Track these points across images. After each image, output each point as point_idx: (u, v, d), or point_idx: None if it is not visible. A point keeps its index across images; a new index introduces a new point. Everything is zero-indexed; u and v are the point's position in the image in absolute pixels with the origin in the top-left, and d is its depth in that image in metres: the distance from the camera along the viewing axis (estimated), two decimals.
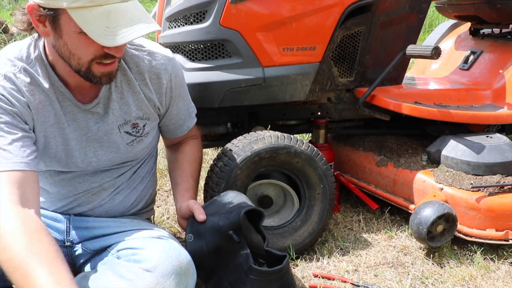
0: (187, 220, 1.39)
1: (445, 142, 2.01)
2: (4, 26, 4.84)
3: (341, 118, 2.15)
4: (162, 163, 2.66)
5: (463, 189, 1.83)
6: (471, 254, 1.80)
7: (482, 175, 1.87)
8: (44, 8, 1.14)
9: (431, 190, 1.88)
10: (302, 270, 1.70)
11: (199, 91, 1.79)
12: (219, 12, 1.73)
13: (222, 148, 1.74)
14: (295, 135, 1.75)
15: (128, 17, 1.16)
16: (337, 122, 2.23)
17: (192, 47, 1.87)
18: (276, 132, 1.74)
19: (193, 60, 1.86)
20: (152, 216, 1.70)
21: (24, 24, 1.24)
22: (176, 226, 2.05)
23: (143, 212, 1.61)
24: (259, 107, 2.00)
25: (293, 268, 1.71)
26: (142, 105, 1.42)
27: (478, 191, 1.81)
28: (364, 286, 1.59)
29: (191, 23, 1.82)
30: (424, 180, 1.93)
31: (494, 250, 1.82)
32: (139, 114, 1.43)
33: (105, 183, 1.46)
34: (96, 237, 1.43)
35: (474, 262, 1.75)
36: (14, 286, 1.05)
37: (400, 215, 2.11)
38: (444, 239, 1.77)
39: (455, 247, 1.85)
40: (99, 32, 1.13)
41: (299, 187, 1.79)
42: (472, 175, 1.88)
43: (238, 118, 2.04)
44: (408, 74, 2.73)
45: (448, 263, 1.75)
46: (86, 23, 1.13)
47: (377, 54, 2.03)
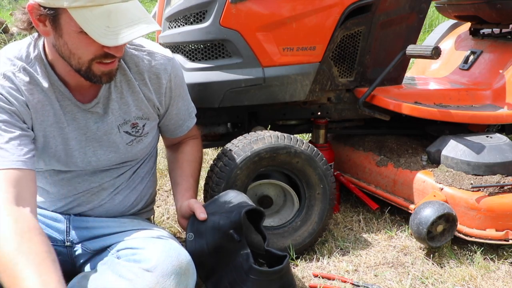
0: (188, 219, 1.39)
1: (445, 142, 2.01)
2: (4, 26, 4.84)
3: (341, 118, 2.15)
4: (162, 163, 2.66)
5: (463, 189, 1.83)
6: (471, 254, 1.80)
7: (482, 175, 1.87)
8: (45, 8, 1.14)
9: (431, 190, 1.88)
10: (302, 270, 1.70)
11: (199, 91, 1.79)
12: (219, 12, 1.73)
13: (222, 148, 1.74)
14: (295, 135, 1.75)
15: (129, 17, 1.17)
16: (337, 122, 2.23)
17: (192, 47, 1.87)
18: (276, 132, 1.74)
19: (193, 60, 1.86)
20: (152, 216, 1.71)
21: (24, 24, 1.24)
22: (176, 226, 2.05)
23: (143, 212, 1.61)
24: (259, 107, 2.00)
25: (293, 268, 1.71)
26: (142, 105, 1.42)
27: (478, 191, 1.81)
28: (364, 286, 1.59)
29: (191, 23, 1.82)
30: (424, 180, 1.93)
31: (494, 250, 1.82)
32: (139, 114, 1.43)
33: (104, 183, 1.46)
34: (96, 237, 1.43)
35: (474, 262, 1.75)
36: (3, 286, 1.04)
37: (400, 215, 2.11)
38: (444, 239, 1.77)
39: (455, 247, 1.85)
40: (100, 31, 1.13)
41: (299, 187, 1.78)
42: (472, 175, 1.88)
43: (238, 118, 2.04)
44: (408, 74, 2.73)
45: (448, 263, 1.75)
46: (86, 22, 1.13)
47: (377, 54, 2.03)
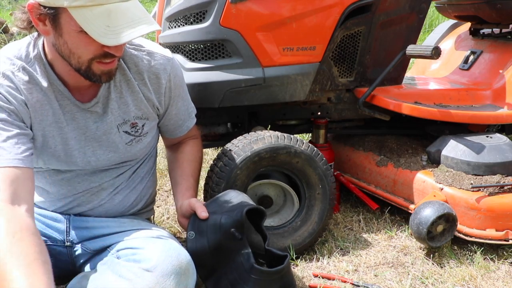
0: (188, 218, 1.39)
1: (445, 142, 2.01)
2: (4, 26, 4.84)
3: (341, 118, 2.15)
4: (162, 163, 2.66)
5: (463, 189, 1.83)
6: (471, 254, 1.80)
7: (482, 175, 1.87)
8: (45, 7, 1.15)
9: (431, 190, 1.88)
10: (302, 270, 1.70)
11: (199, 91, 1.79)
12: (219, 12, 1.73)
13: (222, 148, 1.74)
14: (295, 135, 1.75)
15: (129, 16, 1.17)
16: (337, 122, 2.23)
17: (192, 47, 1.87)
18: (276, 132, 1.74)
19: (193, 60, 1.86)
20: (152, 216, 1.71)
21: (24, 23, 1.24)
22: (176, 226, 2.05)
23: (143, 212, 1.61)
24: (259, 107, 2.00)
25: (293, 268, 1.71)
26: (141, 105, 1.42)
27: (478, 191, 1.81)
28: (364, 286, 1.59)
29: (191, 23, 1.82)
30: (424, 180, 1.93)
31: (494, 250, 1.82)
32: (138, 114, 1.43)
33: (104, 183, 1.46)
34: (96, 237, 1.43)
35: (474, 262, 1.75)
36: None
37: (400, 215, 2.11)
38: (444, 239, 1.77)
39: (455, 247, 1.85)
40: (100, 31, 1.13)
41: (299, 187, 1.78)
42: (472, 175, 1.87)
43: (238, 118, 2.04)
44: (408, 74, 2.73)
45: (448, 263, 1.75)
46: (86, 22, 1.13)
47: (377, 54, 2.03)
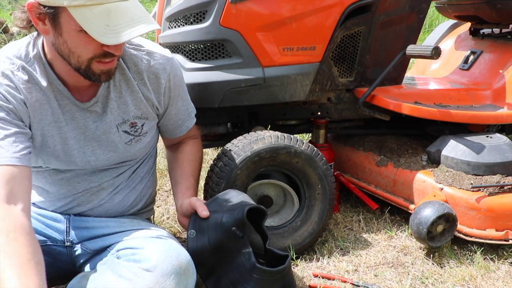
0: (188, 217, 1.38)
1: (445, 142, 2.01)
2: (4, 26, 4.84)
3: (341, 118, 2.15)
4: (162, 163, 2.66)
5: (463, 189, 1.83)
6: (471, 254, 1.80)
7: (482, 175, 1.87)
8: (44, 6, 1.15)
9: (431, 190, 1.88)
10: (302, 270, 1.70)
11: (199, 91, 1.79)
12: (219, 12, 1.73)
13: (222, 148, 1.74)
14: (295, 135, 1.75)
15: (129, 16, 1.17)
16: (337, 122, 2.23)
17: (192, 47, 1.87)
18: (276, 132, 1.74)
19: (193, 60, 1.86)
20: (152, 216, 1.70)
21: (23, 22, 1.24)
22: (176, 226, 2.05)
23: (143, 212, 1.61)
24: (259, 107, 2.00)
25: (293, 268, 1.70)
26: (141, 104, 1.42)
27: (478, 191, 1.81)
28: (364, 286, 1.59)
29: (191, 23, 1.82)
30: (424, 180, 1.93)
31: (494, 250, 1.82)
32: (138, 114, 1.43)
33: (104, 183, 1.46)
34: (96, 237, 1.43)
35: (474, 262, 1.75)
36: None
37: (400, 215, 2.11)
38: (444, 239, 1.77)
39: (455, 247, 1.85)
40: (99, 30, 1.13)
41: (299, 187, 1.78)
42: (472, 175, 1.87)
43: (238, 118, 2.04)
44: (408, 74, 2.73)
45: (448, 263, 1.75)
46: (86, 21, 1.13)
47: (377, 54, 2.03)
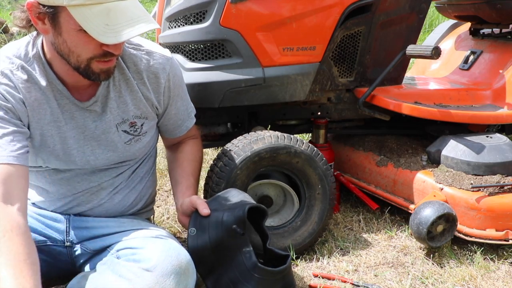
0: (189, 216, 1.38)
1: (445, 142, 2.01)
2: (4, 26, 4.84)
3: (341, 118, 2.15)
4: (162, 163, 2.66)
5: (463, 189, 1.83)
6: (471, 254, 1.80)
7: (482, 175, 1.87)
8: (44, 6, 1.15)
9: (431, 190, 1.88)
10: (302, 270, 1.70)
11: (199, 91, 1.79)
12: (219, 12, 1.73)
13: (222, 148, 1.74)
14: (295, 135, 1.75)
15: (128, 15, 1.17)
16: (337, 122, 2.23)
17: (192, 47, 1.87)
18: (276, 132, 1.74)
19: (193, 60, 1.86)
20: (152, 216, 1.70)
21: (23, 22, 1.25)
22: (176, 226, 2.05)
23: (143, 212, 1.60)
24: (259, 107, 2.00)
25: (293, 268, 1.70)
26: (140, 104, 1.42)
27: (478, 191, 1.81)
28: (364, 286, 1.59)
29: (191, 23, 1.82)
30: (424, 180, 1.93)
31: (494, 250, 1.82)
32: (137, 113, 1.43)
33: (103, 183, 1.46)
34: (96, 237, 1.43)
35: (474, 262, 1.75)
36: None
37: (400, 215, 2.11)
38: (444, 239, 1.77)
39: (455, 247, 1.85)
40: (99, 29, 1.14)
41: (299, 187, 1.78)
42: (472, 175, 1.87)
43: (238, 118, 2.04)
44: (408, 74, 2.73)
45: (448, 263, 1.75)
46: (85, 20, 1.13)
47: (377, 54, 2.03)
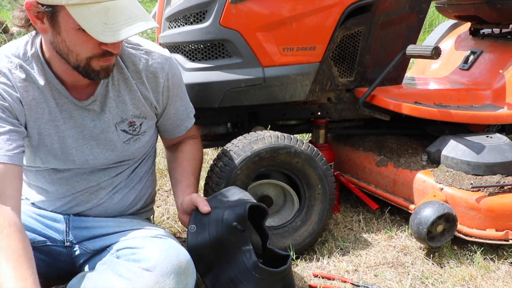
0: (189, 215, 1.38)
1: (445, 142, 2.01)
2: (4, 26, 4.85)
3: (341, 118, 2.15)
4: (162, 163, 2.66)
5: (463, 189, 1.83)
6: (471, 254, 1.80)
7: (482, 175, 1.87)
8: (43, 5, 1.15)
9: (431, 190, 1.88)
10: (302, 270, 1.70)
11: (199, 91, 1.79)
12: (219, 12, 1.73)
13: (222, 148, 1.74)
14: (295, 135, 1.75)
15: (126, 14, 1.17)
16: (337, 122, 2.23)
17: (192, 47, 1.87)
18: (276, 132, 1.73)
19: (193, 60, 1.86)
20: (152, 216, 1.71)
21: (22, 21, 1.25)
22: (176, 226, 2.05)
23: (143, 212, 1.61)
24: (259, 107, 2.00)
25: (293, 268, 1.70)
26: (139, 103, 1.42)
27: (478, 191, 1.81)
28: (364, 286, 1.59)
29: (191, 23, 1.82)
30: (424, 180, 1.93)
31: (494, 250, 1.82)
32: (136, 113, 1.43)
33: (102, 182, 1.46)
34: (96, 237, 1.43)
35: (474, 262, 1.75)
36: None
37: (400, 215, 2.11)
38: (444, 239, 1.77)
39: (455, 247, 1.85)
40: (98, 28, 1.14)
41: (299, 187, 1.78)
42: (472, 175, 1.87)
43: (238, 118, 2.04)
44: (408, 74, 2.73)
45: (448, 263, 1.75)
46: (84, 19, 1.13)
47: (377, 54, 2.03)
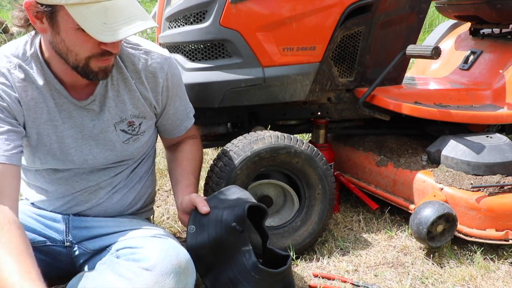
0: (189, 214, 1.38)
1: (445, 142, 2.01)
2: (4, 26, 4.85)
3: (341, 118, 2.15)
4: (162, 163, 2.66)
5: (463, 189, 1.83)
6: (471, 254, 1.80)
7: (482, 175, 1.87)
8: (42, 5, 1.15)
9: (431, 190, 1.88)
10: (302, 270, 1.70)
11: (199, 91, 1.79)
12: (219, 12, 1.73)
13: (222, 148, 1.74)
14: (295, 135, 1.75)
15: (125, 13, 1.17)
16: (337, 122, 2.23)
17: (192, 47, 1.87)
18: (276, 132, 1.73)
19: (193, 60, 1.86)
20: (151, 216, 1.71)
21: (21, 21, 1.25)
22: (176, 226, 2.05)
23: (142, 212, 1.60)
24: (259, 107, 2.00)
25: (293, 268, 1.70)
26: (138, 103, 1.42)
27: (478, 191, 1.81)
28: (364, 286, 1.59)
29: (191, 23, 1.82)
30: (424, 180, 1.93)
31: (494, 250, 1.82)
32: (135, 113, 1.43)
33: (102, 182, 1.46)
34: (95, 236, 1.43)
35: (474, 262, 1.74)
36: None
37: (400, 215, 2.11)
38: (444, 239, 1.77)
39: (455, 247, 1.85)
40: (97, 28, 1.14)
41: (299, 187, 1.78)
42: (472, 175, 1.87)
43: (238, 118, 2.04)
44: (408, 74, 2.73)
45: (448, 263, 1.75)
46: (83, 19, 1.13)
47: (377, 54, 2.03)
